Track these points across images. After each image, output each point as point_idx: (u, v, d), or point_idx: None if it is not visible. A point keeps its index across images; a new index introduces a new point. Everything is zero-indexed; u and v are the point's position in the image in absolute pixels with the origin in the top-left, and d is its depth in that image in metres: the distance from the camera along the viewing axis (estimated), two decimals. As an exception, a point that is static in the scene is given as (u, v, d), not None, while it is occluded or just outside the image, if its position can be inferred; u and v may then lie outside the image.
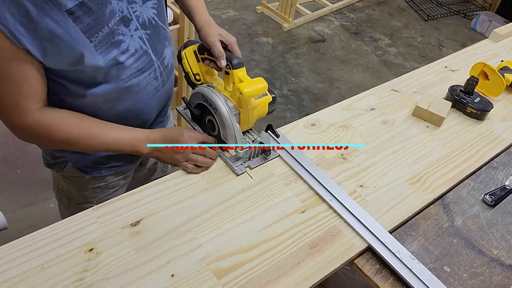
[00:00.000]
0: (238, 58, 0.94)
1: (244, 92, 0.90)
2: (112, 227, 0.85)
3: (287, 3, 3.31)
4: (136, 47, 0.88)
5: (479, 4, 4.13)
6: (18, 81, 0.77)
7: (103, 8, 0.78)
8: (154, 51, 0.93)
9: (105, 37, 0.81)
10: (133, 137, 0.93)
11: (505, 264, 0.92)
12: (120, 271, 0.78)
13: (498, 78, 1.32)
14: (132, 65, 0.89)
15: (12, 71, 0.75)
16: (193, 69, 1.08)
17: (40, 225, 0.82)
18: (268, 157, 1.03)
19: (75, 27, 0.75)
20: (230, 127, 0.95)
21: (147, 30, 0.91)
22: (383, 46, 3.46)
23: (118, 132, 0.92)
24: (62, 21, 0.73)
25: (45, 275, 0.76)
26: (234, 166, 0.99)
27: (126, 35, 0.86)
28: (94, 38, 0.79)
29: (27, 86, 0.79)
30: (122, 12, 0.83)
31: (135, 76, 0.91)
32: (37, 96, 0.82)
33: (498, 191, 1.06)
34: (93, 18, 0.77)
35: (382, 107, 1.26)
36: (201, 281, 0.78)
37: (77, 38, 0.76)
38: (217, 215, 0.90)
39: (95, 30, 0.78)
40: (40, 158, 1.11)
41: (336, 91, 2.93)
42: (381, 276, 0.86)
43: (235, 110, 0.97)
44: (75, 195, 1.15)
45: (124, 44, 0.85)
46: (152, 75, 0.95)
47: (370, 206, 0.97)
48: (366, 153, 1.10)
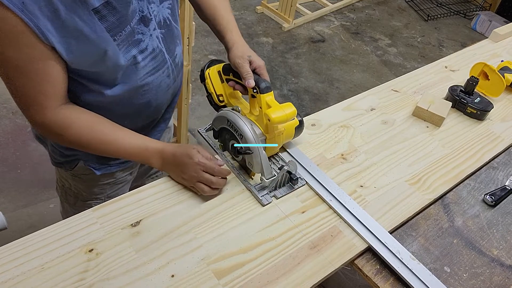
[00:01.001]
0: (266, 82, 0.91)
1: (272, 118, 0.86)
2: (112, 227, 0.85)
3: (287, 3, 3.31)
4: (154, 46, 0.90)
5: (479, 4, 4.13)
6: (41, 79, 0.78)
7: (126, 7, 0.80)
8: (167, 50, 0.95)
9: (127, 36, 0.83)
10: (146, 149, 0.90)
11: (505, 265, 0.92)
12: (120, 271, 0.78)
13: (498, 78, 1.32)
14: (148, 64, 0.90)
15: (37, 69, 0.76)
16: (217, 90, 1.03)
17: (40, 225, 0.82)
18: (295, 186, 0.97)
19: (100, 26, 0.77)
20: (257, 154, 0.91)
21: (162, 30, 0.92)
22: (383, 46, 3.46)
23: (131, 141, 0.90)
24: (89, 19, 0.75)
25: (45, 275, 0.76)
26: (259, 195, 0.93)
27: (146, 35, 0.87)
28: (117, 37, 0.80)
29: (50, 85, 0.80)
30: (142, 12, 0.85)
31: (150, 75, 0.92)
32: (58, 95, 0.82)
33: (498, 191, 1.06)
34: (117, 17, 0.79)
35: (382, 107, 1.26)
36: (201, 282, 0.78)
37: (102, 37, 0.77)
38: (217, 216, 0.90)
39: (118, 29, 0.80)
40: (40, 158, 1.11)
41: (336, 91, 2.93)
42: (382, 277, 0.86)
43: (261, 136, 0.94)
44: (83, 192, 1.15)
45: (143, 43, 0.87)
46: (166, 73, 0.96)
47: (370, 206, 0.97)
48: (366, 153, 1.10)
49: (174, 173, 0.93)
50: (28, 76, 0.77)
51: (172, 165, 0.91)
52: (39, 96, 0.80)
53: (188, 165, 0.88)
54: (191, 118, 2.38)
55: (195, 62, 2.88)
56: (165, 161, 0.90)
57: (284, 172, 0.94)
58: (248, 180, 0.97)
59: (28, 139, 2.16)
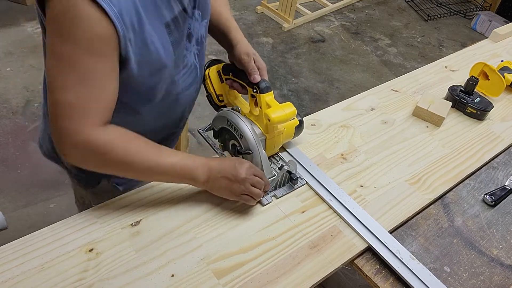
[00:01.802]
0: (266, 82, 0.91)
1: (272, 118, 0.87)
2: (112, 227, 0.85)
3: (287, 3, 3.31)
4: (191, 62, 0.91)
5: (479, 4, 4.13)
6: (101, 92, 0.73)
7: (184, 25, 0.81)
8: (200, 66, 0.96)
9: (181, 51, 0.84)
10: (192, 161, 0.83)
11: (505, 264, 0.92)
12: (120, 271, 0.78)
13: (498, 78, 1.32)
14: (187, 79, 0.91)
15: (103, 80, 0.71)
16: (217, 90, 1.03)
17: (40, 225, 0.82)
18: (295, 186, 0.98)
19: (167, 40, 0.77)
20: (257, 154, 0.92)
21: (198, 46, 0.93)
22: (383, 46, 3.46)
23: (174, 157, 0.82)
24: (161, 31, 0.75)
25: (45, 275, 0.76)
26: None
27: (189, 51, 0.88)
28: (176, 51, 0.81)
29: (105, 101, 0.74)
30: (189, 28, 0.85)
31: (185, 90, 0.93)
32: (108, 113, 0.76)
33: (498, 191, 1.06)
34: (179, 32, 0.80)
35: (382, 107, 1.26)
36: (201, 281, 0.78)
37: (168, 50, 0.78)
38: (217, 215, 0.90)
39: (178, 44, 0.81)
40: (40, 158, 1.11)
41: (336, 91, 2.93)
42: (381, 276, 0.86)
43: (261, 136, 0.94)
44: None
45: (186, 59, 0.88)
46: (194, 87, 0.97)
47: (370, 206, 0.97)
48: (366, 153, 1.10)
49: (220, 186, 0.86)
50: (90, 86, 0.71)
51: (219, 178, 0.85)
52: (92, 110, 0.72)
53: (239, 168, 0.85)
54: (191, 118, 2.37)
55: (195, 62, 2.88)
56: (212, 173, 0.85)
57: (284, 172, 0.94)
58: None
59: (28, 139, 2.16)
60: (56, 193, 1.97)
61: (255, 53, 0.95)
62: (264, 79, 0.92)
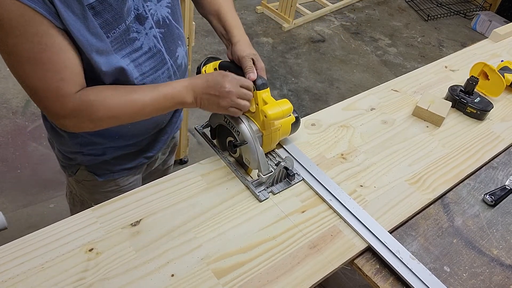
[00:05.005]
0: (262, 79, 0.91)
1: (269, 115, 0.88)
2: (112, 227, 0.85)
3: (287, 3, 3.31)
4: (150, 46, 0.89)
5: (479, 4, 4.13)
6: (60, 66, 0.75)
7: (121, 5, 0.79)
8: (167, 50, 0.93)
9: (121, 34, 0.82)
10: (173, 87, 0.88)
11: (505, 264, 0.92)
12: (120, 271, 0.78)
13: (498, 78, 1.32)
14: (144, 63, 0.89)
15: (51, 56, 0.73)
16: None
17: (40, 225, 0.82)
18: (292, 182, 0.98)
19: (94, 22, 0.76)
20: (254, 151, 0.92)
21: (161, 29, 0.91)
22: (383, 46, 3.46)
23: (157, 90, 0.87)
24: (83, 14, 0.74)
25: (45, 275, 0.76)
26: (256, 191, 0.94)
27: (141, 33, 0.86)
28: (111, 34, 0.80)
29: (69, 70, 0.77)
30: (138, 10, 0.84)
31: (148, 75, 0.91)
32: (78, 80, 0.79)
33: (498, 191, 1.06)
34: (112, 14, 0.78)
35: (382, 107, 1.26)
36: (201, 281, 0.78)
37: (95, 33, 0.77)
38: (217, 215, 0.90)
39: (112, 26, 0.79)
40: (40, 158, 1.11)
41: (336, 91, 2.93)
42: (381, 276, 0.86)
43: (258, 132, 0.94)
44: (87, 199, 1.14)
45: (138, 42, 0.86)
46: (166, 74, 0.95)
47: (370, 206, 0.97)
48: (366, 153, 1.10)
49: (209, 101, 0.90)
50: (44, 67, 0.74)
51: (205, 95, 0.89)
52: (60, 84, 0.76)
53: (223, 82, 0.87)
54: (191, 118, 2.38)
55: (195, 62, 2.88)
56: (197, 93, 0.89)
57: (281, 168, 0.95)
58: (245, 177, 0.97)
59: (28, 139, 2.16)
60: (56, 193, 1.97)
61: (255, 53, 0.95)
62: (261, 76, 0.92)
